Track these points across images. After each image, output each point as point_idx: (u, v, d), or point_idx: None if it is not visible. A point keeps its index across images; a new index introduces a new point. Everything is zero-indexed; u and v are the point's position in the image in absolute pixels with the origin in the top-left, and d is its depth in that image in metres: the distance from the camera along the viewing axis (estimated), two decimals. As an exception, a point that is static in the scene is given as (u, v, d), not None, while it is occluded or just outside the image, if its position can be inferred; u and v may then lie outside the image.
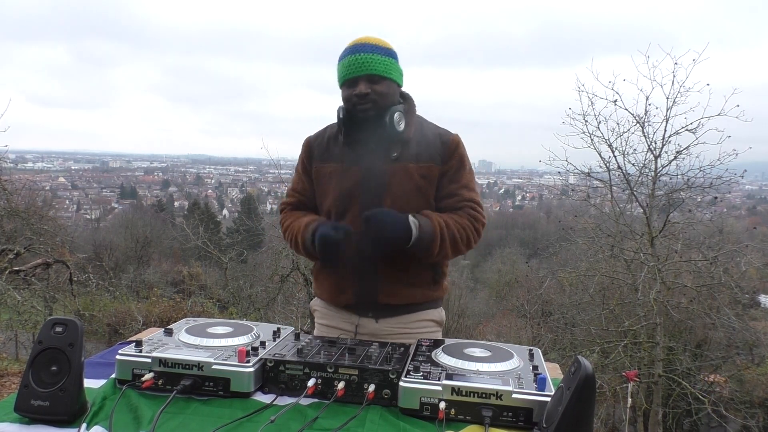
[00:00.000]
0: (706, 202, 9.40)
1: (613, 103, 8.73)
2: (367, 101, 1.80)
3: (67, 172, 72.19)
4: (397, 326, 1.92)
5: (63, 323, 1.29)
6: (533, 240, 27.05)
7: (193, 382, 1.38)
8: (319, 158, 1.95)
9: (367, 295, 1.88)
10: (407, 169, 1.84)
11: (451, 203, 1.88)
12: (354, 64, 1.80)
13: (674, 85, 8.45)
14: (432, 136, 1.89)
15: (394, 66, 1.85)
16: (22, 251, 9.48)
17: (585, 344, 9.04)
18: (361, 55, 1.80)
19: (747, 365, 9.91)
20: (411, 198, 1.84)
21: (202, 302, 13.56)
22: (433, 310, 1.98)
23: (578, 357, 1.20)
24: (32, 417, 1.25)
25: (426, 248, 1.79)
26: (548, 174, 13.00)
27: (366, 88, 1.80)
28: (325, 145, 1.95)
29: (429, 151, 1.86)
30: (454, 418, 1.31)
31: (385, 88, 1.82)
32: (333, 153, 1.92)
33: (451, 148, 1.88)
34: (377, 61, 1.80)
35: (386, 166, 1.84)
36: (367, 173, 1.85)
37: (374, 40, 1.85)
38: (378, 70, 1.80)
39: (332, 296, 1.97)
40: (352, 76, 1.81)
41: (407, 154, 1.85)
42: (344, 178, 1.87)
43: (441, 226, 1.79)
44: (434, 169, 1.86)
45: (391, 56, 1.85)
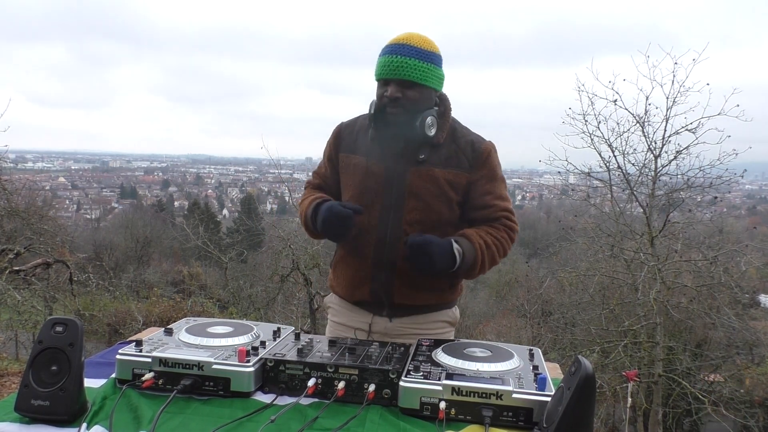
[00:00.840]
0: (706, 201, 9.41)
1: (613, 103, 8.74)
2: (397, 105, 1.75)
3: (67, 171, 72.19)
4: (410, 326, 1.91)
5: (63, 323, 1.29)
6: (533, 240, 27.02)
7: (193, 382, 1.38)
8: (347, 148, 1.92)
9: (383, 294, 1.88)
10: (432, 173, 1.80)
11: (486, 214, 1.86)
12: (389, 66, 1.74)
13: (674, 84, 8.47)
14: (464, 142, 1.85)
15: (431, 72, 1.77)
16: (22, 251, 9.49)
17: (585, 344, 9.04)
18: (397, 58, 1.73)
19: (747, 365, 9.90)
20: (434, 203, 1.81)
21: (202, 302, 13.56)
22: (447, 310, 1.98)
23: (578, 357, 1.20)
24: (32, 417, 1.25)
25: (467, 271, 1.81)
26: (548, 174, 13.01)
27: (397, 92, 1.74)
28: (354, 135, 1.92)
29: (459, 158, 1.82)
30: (455, 418, 1.31)
31: (418, 95, 1.76)
32: (361, 145, 1.88)
33: (482, 157, 1.84)
34: (413, 67, 1.73)
35: (411, 168, 1.81)
36: (391, 173, 1.83)
37: (417, 40, 1.76)
38: (412, 77, 1.73)
39: (348, 291, 1.96)
40: (385, 77, 1.76)
41: (435, 159, 1.81)
42: (368, 173, 1.85)
43: (482, 247, 1.79)
44: (462, 176, 1.82)
45: (432, 61, 1.76)
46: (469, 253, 1.77)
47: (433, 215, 1.82)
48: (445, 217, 1.85)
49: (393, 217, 1.83)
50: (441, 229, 1.83)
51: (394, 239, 1.83)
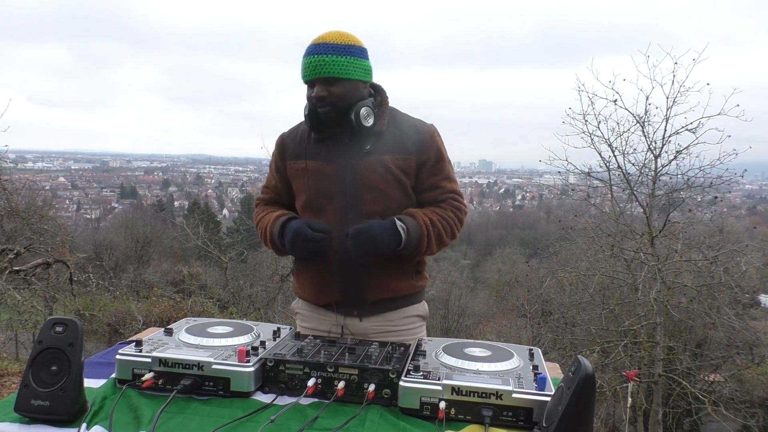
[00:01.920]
0: (706, 201, 9.40)
1: (613, 103, 8.74)
2: (326, 104, 1.76)
3: (67, 171, 72.21)
4: (383, 324, 1.90)
5: (63, 323, 1.29)
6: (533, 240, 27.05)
7: (193, 382, 1.38)
8: (292, 155, 1.92)
9: (353, 291, 1.86)
10: (382, 161, 1.81)
11: (434, 196, 1.88)
12: (309, 67, 1.76)
13: (674, 84, 8.46)
14: (406, 127, 1.87)
15: (353, 64, 1.77)
16: (22, 251, 9.48)
17: (585, 344, 9.04)
18: (315, 57, 1.75)
19: (747, 365, 9.91)
20: (389, 191, 1.82)
21: (202, 302, 13.56)
22: (417, 305, 1.97)
23: (578, 357, 1.20)
24: (32, 417, 1.25)
25: (414, 249, 1.81)
26: (548, 174, 13.00)
27: (322, 90, 1.75)
28: (297, 141, 1.92)
29: (404, 143, 1.84)
30: (454, 417, 1.31)
31: (343, 89, 1.76)
32: (306, 150, 1.89)
33: (426, 139, 1.86)
34: (332, 63, 1.74)
35: (360, 161, 1.82)
36: (342, 169, 1.83)
37: (334, 37, 1.77)
38: (333, 72, 1.74)
39: (316, 295, 1.93)
40: (308, 78, 1.78)
41: (381, 147, 1.83)
42: (318, 175, 1.85)
43: (426, 224, 1.80)
44: (411, 160, 1.84)
45: (352, 54, 1.77)
46: (414, 229, 1.77)
47: (391, 203, 1.82)
48: (403, 204, 1.85)
49: (352, 213, 1.83)
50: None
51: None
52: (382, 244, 1.73)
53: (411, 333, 1.94)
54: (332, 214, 1.84)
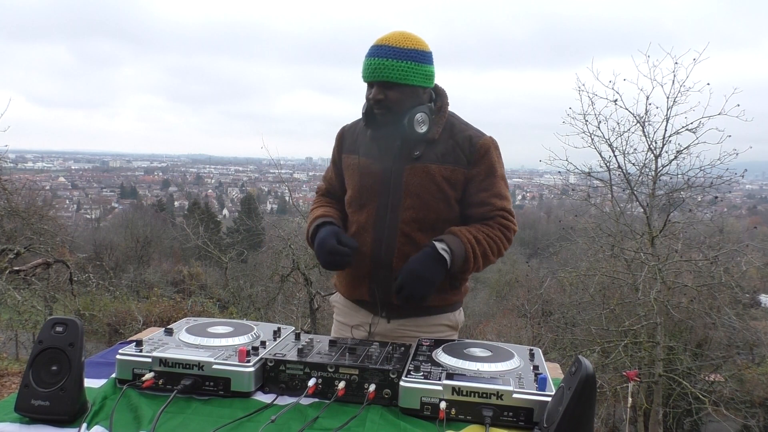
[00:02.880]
0: (706, 201, 9.41)
1: (613, 103, 8.74)
2: (382, 107, 1.75)
3: (67, 171, 72.19)
4: (410, 328, 1.89)
5: (63, 323, 1.28)
6: (533, 240, 27.01)
7: (193, 382, 1.38)
8: (348, 149, 1.94)
9: (381, 294, 1.86)
10: (428, 169, 1.78)
11: (482, 212, 1.82)
12: (369, 69, 1.74)
13: (674, 84, 8.47)
14: (461, 137, 1.81)
15: (413, 70, 1.73)
16: (22, 251, 9.48)
17: (585, 344, 9.04)
18: (375, 60, 1.72)
19: (747, 365, 9.90)
20: (431, 199, 1.80)
21: (203, 302, 13.56)
22: (449, 314, 1.94)
23: (579, 357, 1.20)
24: (32, 417, 1.25)
25: (461, 268, 1.77)
26: (548, 174, 13.01)
27: (379, 93, 1.74)
28: (355, 136, 1.94)
29: (456, 153, 1.79)
30: (455, 417, 1.31)
31: (400, 95, 1.74)
32: (360, 145, 1.90)
33: (480, 153, 1.79)
34: (392, 68, 1.71)
35: (406, 166, 1.80)
36: (387, 171, 1.83)
37: (397, 39, 1.74)
38: (391, 77, 1.71)
39: (348, 289, 1.96)
40: (368, 80, 1.77)
41: (431, 155, 1.79)
42: (366, 172, 1.86)
43: (471, 242, 1.75)
44: (459, 172, 1.79)
45: (413, 59, 1.73)
46: (458, 249, 1.73)
47: (430, 213, 1.80)
48: (443, 216, 1.82)
49: (390, 216, 1.82)
50: (438, 228, 1.81)
51: (390, 238, 1.82)
52: (431, 277, 1.71)
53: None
54: (371, 214, 1.85)
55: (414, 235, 1.81)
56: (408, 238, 1.81)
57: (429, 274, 1.71)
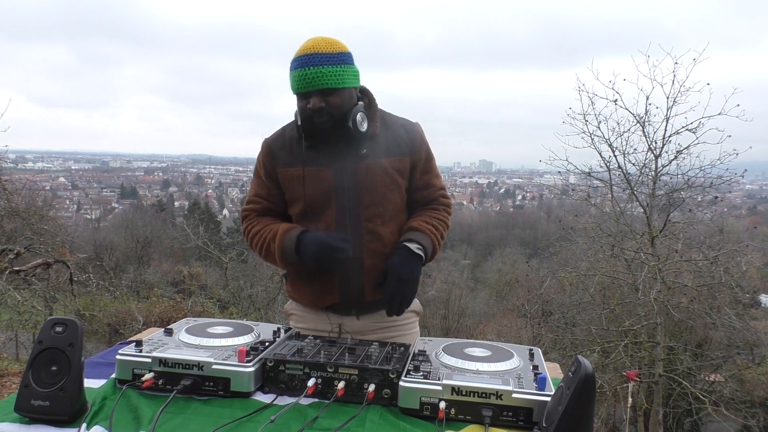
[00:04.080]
0: (706, 201, 9.41)
1: (613, 103, 8.75)
2: (323, 114, 1.75)
3: (68, 172, 72.19)
4: (379, 321, 1.93)
5: (63, 323, 1.29)
6: (533, 240, 27.04)
7: (193, 382, 1.38)
8: (283, 162, 1.88)
9: (353, 294, 1.87)
10: (380, 164, 1.83)
11: (427, 195, 1.95)
12: (304, 79, 1.73)
13: (674, 84, 8.48)
14: (397, 127, 1.89)
15: (347, 73, 1.76)
16: (23, 251, 9.48)
17: (585, 344, 9.04)
18: (310, 69, 1.71)
19: (747, 365, 9.90)
20: (387, 192, 1.84)
21: (203, 302, 13.56)
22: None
23: (578, 357, 1.20)
24: (32, 417, 1.25)
25: (431, 258, 1.90)
26: (548, 174, 13.01)
27: (320, 102, 1.73)
28: (288, 148, 1.88)
29: (398, 144, 1.86)
30: (454, 417, 1.31)
31: (340, 99, 1.76)
32: (298, 156, 1.86)
33: (417, 139, 1.90)
34: (328, 74, 1.72)
35: (358, 165, 1.82)
36: (339, 174, 1.82)
37: (323, 45, 1.74)
38: (329, 84, 1.73)
39: (314, 299, 1.92)
40: (303, 90, 1.75)
41: (377, 150, 1.84)
42: (315, 181, 1.83)
43: (434, 234, 1.88)
44: (405, 161, 1.87)
45: (344, 62, 1.76)
46: (427, 243, 1.86)
47: (389, 206, 1.86)
48: (398, 205, 1.90)
49: (351, 218, 1.83)
50: (395, 218, 1.89)
51: (356, 238, 1.83)
52: (415, 278, 1.82)
53: (407, 328, 1.98)
54: (330, 220, 1.84)
55: (378, 230, 1.85)
56: (373, 234, 1.84)
57: (413, 275, 1.82)
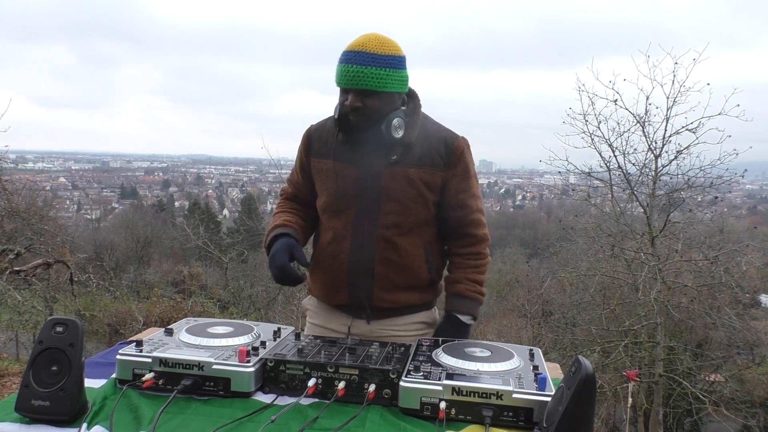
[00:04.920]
0: (706, 201, 9.41)
1: (613, 103, 8.75)
2: (359, 114, 1.71)
3: (68, 172, 72.17)
4: (389, 328, 1.90)
5: (63, 323, 1.29)
6: (534, 240, 27.04)
7: (193, 382, 1.38)
8: (317, 152, 1.88)
9: (362, 298, 1.85)
10: (407, 173, 1.77)
11: (462, 216, 1.85)
12: (345, 76, 1.69)
13: (674, 84, 8.48)
14: (436, 139, 1.81)
15: (390, 77, 1.70)
16: (23, 251, 9.49)
17: (585, 344, 9.04)
18: (353, 67, 1.67)
19: (748, 365, 9.91)
20: (410, 203, 1.79)
21: (203, 302, 13.57)
22: (426, 311, 1.96)
23: (578, 357, 1.20)
24: (33, 417, 1.25)
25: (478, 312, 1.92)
26: (549, 174, 13.02)
27: (357, 101, 1.70)
28: (324, 139, 1.87)
29: (432, 156, 1.79)
30: (455, 417, 1.31)
31: (378, 102, 1.71)
32: (331, 149, 1.84)
33: (456, 154, 1.80)
34: (370, 76, 1.67)
35: (384, 170, 1.77)
36: (364, 176, 1.79)
37: (374, 45, 1.69)
38: (370, 86, 1.68)
39: (326, 295, 1.93)
40: (343, 86, 1.73)
41: (408, 158, 1.78)
42: (341, 177, 1.81)
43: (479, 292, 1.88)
44: (437, 175, 1.79)
45: (391, 65, 1.70)
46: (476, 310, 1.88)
47: (410, 217, 1.80)
48: (421, 218, 1.83)
49: (369, 222, 1.80)
50: (417, 231, 1.83)
51: (370, 244, 1.80)
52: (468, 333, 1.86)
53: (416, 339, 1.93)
54: (349, 220, 1.82)
55: (394, 240, 1.80)
56: (388, 243, 1.80)
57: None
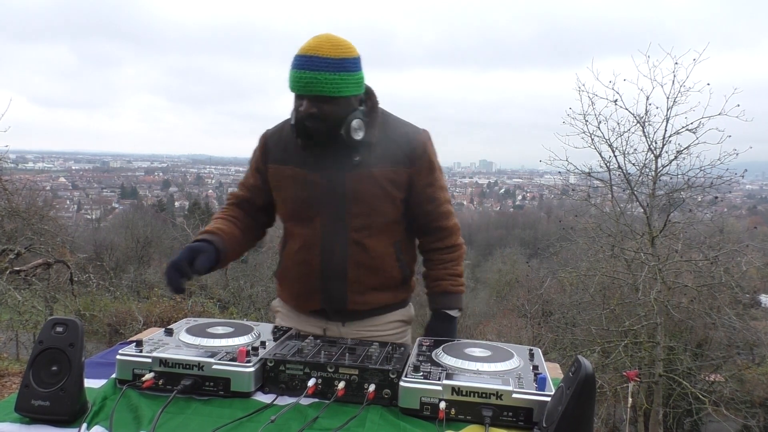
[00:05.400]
0: (706, 201, 9.42)
1: (613, 103, 8.76)
2: (315, 120, 1.64)
3: (68, 172, 72.18)
4: (365, 329, 1.88)
5: (63, 323, 1.29)
6: (534, 240, 27.05)
7: (193, 382, 1.38)
8: (276, 159, 1.81)
9: (335, 302, 1.82)
10: (372, 174, 1.72)
11: (431, 210, 1.83)
12: (299, 83, 1.61)
13: (675, 84, 8.50)
14: (398, 135, 1.76)
15: (347, 81, 1.63)
16: (23, 251, 9.49)
17: (585, 344, 9.05)
18: (307, 74, 1.59)
19: (747, 365, 9.91)
20: (377, 204, 1.75)
21: (203, 302, 13.56)
22: (401, 310, 1.94)
23: (578, 357, 1.20)
24: (33, 417, 1.25)
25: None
26: (549, 174, 13.05)
27: (312, 107, 1.63)
28: (283, 144, 1.80)
29: (396, 154, 1.74)
30: (455, 417, 1.31)
31: (335, 107, 1.64)
32: (292, 154, 1.78)
33: (419, 149, 1.76)
34: (325, 82, 1.59)
35: (348, 173, 1.72)
36: (329, 180, 1.73)
37: (327, 49, 1.60)
38: (326, 92, 1.61)
39: (298, 302, 1.90)
40: (297, 92, 1.66)
41: (371, 158, 1.72)
42: (304, 184, 1.76)
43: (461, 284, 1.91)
44: (402, 172, 1.75)
45: (345, 69, 1.62)
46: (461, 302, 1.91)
47: (378, 218, 1.76)
48: (390, 217, 1.79)
49: (338, 227, 1.76)
50: (387, 230, 1.80)
51: (341, 248, 1.77)
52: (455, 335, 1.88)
53: (394, 338, 1.91)
54: (317, 226, 1.77)
55: (365, 242, 1.77)
56: (359, 246, 1.77)
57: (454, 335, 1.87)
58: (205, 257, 1.71)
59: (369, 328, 1.88)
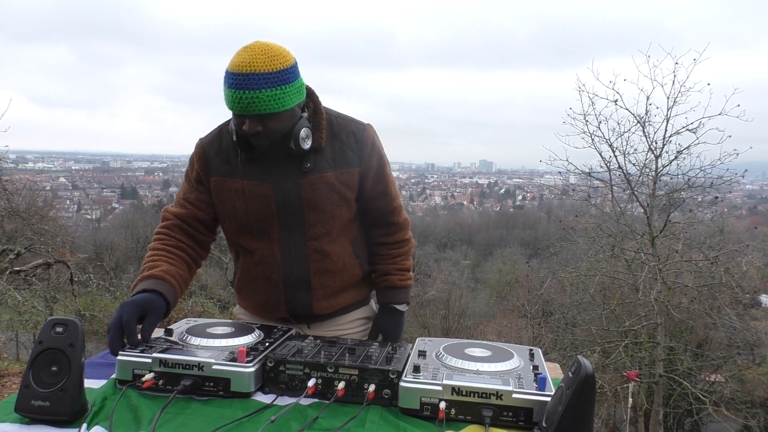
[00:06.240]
0: (706, 201, 9.42)
1: (613, 103, 8.77)
2: (260, 137, 1.57)
3: (68, 172, 72.20)
4: (330, 328, 1.88)
5: (63, 323, 1.28)
6: (534, 240, 27.05)
7: (193, 383, 1.38)
8: (219, 171, 1.71)
9: (300, 309, 1.81)
10: (325, 179, 1.68)
11: (382, 205, 1.81)
12: (239, 103, 1.51)
13: (675, 84, 8.51)
14: (345, 135, 1.72)
15: (288, 93, 1.54)
16: (23, 251, 9.50)
17: (586, 344, 9.05)
18: (246, 93, 1.49)
19: (748, 365, 9.92)
20: (334, 209, 1.71)
21: (203, 302, 13.57)
22: (364, 307, 1.95)
23: (578, 357, 1.20)
24: (32, 417, 1.25)
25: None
26: (549, 174, 13.05)
27: (256, 125, 1.55)
28: (224, 155, 1.71)
29: (346, 155, 1.70)
30: (455, 418, 1.31)
31: (279, 122, 1.57)
32: (236, 167, 1.69)
33: (368, 146, 1.73)
34: (266, 100, 1.50)
35: (301, 180, 1.67)
36: (281, 190, 1.67)
37: (261, 62, 1.50)
38: (267, 109, 1.51)
39: (261, 313, 1.87)
40: (237, 113, 1.56)
41: (322, 163, 1.68)
42: (254, 197, 1.68)
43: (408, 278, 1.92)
44: (354, 172, 1.71)
45: (285, 81, 1.53)
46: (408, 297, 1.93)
47: (336, 222, 1.74)
48: (346, 219, 1.77)
49: (296, 237, 1.73)
50: (345, 233, 1.79)
51: (302, 258, 1.74)
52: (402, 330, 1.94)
53: (358, 335, 1.92)
54: (275, 238, 1.73)
55: (325, 248, 1.75)
56: (320, 254, 1.75)
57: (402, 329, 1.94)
58: (154, 318, 1.52)
59: (334, 328, 1.89)
